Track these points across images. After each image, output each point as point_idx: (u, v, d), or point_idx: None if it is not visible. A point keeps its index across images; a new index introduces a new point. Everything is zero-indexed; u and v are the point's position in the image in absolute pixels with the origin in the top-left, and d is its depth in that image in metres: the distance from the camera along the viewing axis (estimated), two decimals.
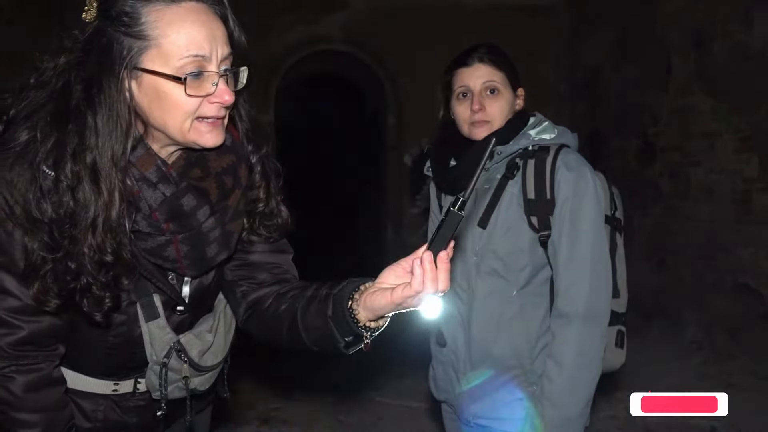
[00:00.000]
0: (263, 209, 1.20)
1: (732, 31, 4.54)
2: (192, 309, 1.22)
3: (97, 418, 1.20)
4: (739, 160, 4.51)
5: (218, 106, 1.02)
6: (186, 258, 1.08)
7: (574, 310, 1.47)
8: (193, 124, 1.01)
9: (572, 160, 1.54)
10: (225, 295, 1.32)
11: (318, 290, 1.15)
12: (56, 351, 1.13)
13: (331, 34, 7.26)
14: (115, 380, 1.21)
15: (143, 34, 0.96)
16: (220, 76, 1.00)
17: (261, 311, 1.24)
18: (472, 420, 1.63)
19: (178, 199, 1.04)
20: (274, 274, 1.27)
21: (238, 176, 1.12)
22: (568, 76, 7.24)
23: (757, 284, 4.36)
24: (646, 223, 5.64)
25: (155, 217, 1.04)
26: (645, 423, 3.54)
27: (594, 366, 1.48)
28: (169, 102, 0.99)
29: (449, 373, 1.67)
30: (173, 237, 1.06)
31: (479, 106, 1.58)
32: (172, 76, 0.97)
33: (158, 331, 1.16)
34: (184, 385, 1.21)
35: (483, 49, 1.63)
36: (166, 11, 0.97)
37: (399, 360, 4.04)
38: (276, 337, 1.22)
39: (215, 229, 1.09)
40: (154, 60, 0.97)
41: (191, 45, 0.97)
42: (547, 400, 1.47)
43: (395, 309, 0.99)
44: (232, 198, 1.11)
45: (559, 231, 1.50)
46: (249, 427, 3.47)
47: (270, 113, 7.28)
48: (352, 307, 1.03)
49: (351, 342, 1.07)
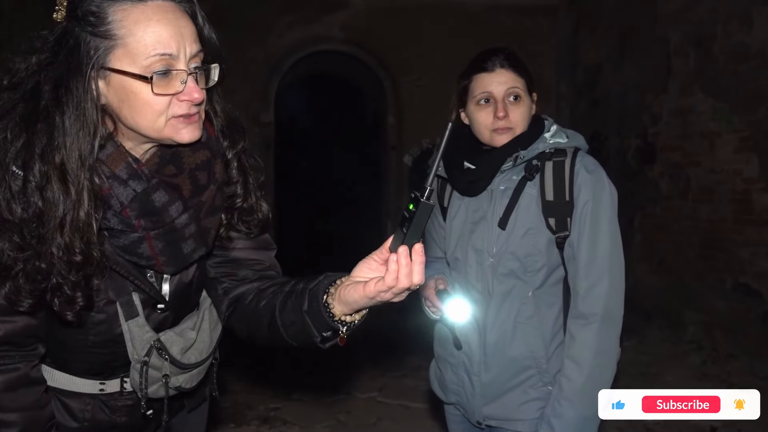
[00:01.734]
0: (241, 205, 1.20)
1: (732, 31, 4.54)
2: (173, 307, 1.21)
3: (84, 417, 1.20)
4: (739, 160, 4.51)
5: (188, 104, 1.01)
6: (162, 255, 1.08)
7: (593, 312, 1.49)
8: (168, 121, 1.01)
9: (590, 163, 1.57)
10: (208, 293, 1.31)
11: (296, 285, 1.16)
12: (35, 351, 1.12)
13: (331, 34, 7.26)
14: (101, 379, 1.20)
15: (110, 33, 0.96)
16: (188, 74, 1.00)
17: (242, 308, 1.24)
18: (484, 422, 1.64)
19: (149, 195, 1.04)
20: (256, 271, 1.27)
21: (213, 172, 1.11)
22: (568, 76, 7.25)
23: (757, 284, 4.36)
24: (646, 223, 5.64)
25: (126, 213, 1.03)
26: (645, 423, 3.54)
27: (611, 366, 1.51)
28: (138, 101, 0.99)
29: (461, 375, 1.67)
30: (146, 234, 1.05)
31: (504, 113, 1.57)
32: (139, 75, 0.97)
33: (138, 330, 1.15)
34: (163, 383, 1.20)
35: (503, 55, 1.61)
36: (133, 10, 0.97)
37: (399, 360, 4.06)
38: (257, 333, 1.22)
39: (190, 225, 1.08)
40: (121, 59, 0.97)
41: (158, 44, 0.97)
42: (565, 400, 1.49)
43: (369, 303, 0.99)
44: (207, 194, 1.10)
45: (579, 233, 1.52)
46: (249, 427, 3.47)
47: (270, 113, 7.28)
48: (327, 301, 1.04)
49: (328, 337, 1.08)
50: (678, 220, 5.21)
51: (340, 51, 7.41)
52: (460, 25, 6.95)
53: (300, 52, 7.27)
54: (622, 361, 1.63)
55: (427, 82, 7.05)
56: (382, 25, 7.22)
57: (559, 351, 1.56)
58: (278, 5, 7.07)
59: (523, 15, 7.31)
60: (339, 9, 7.22)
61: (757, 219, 4.33)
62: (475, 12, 7.17)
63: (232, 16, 6.89)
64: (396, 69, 7.32)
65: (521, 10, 7.30)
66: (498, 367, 1.59)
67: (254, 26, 7.03)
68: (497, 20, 7.19)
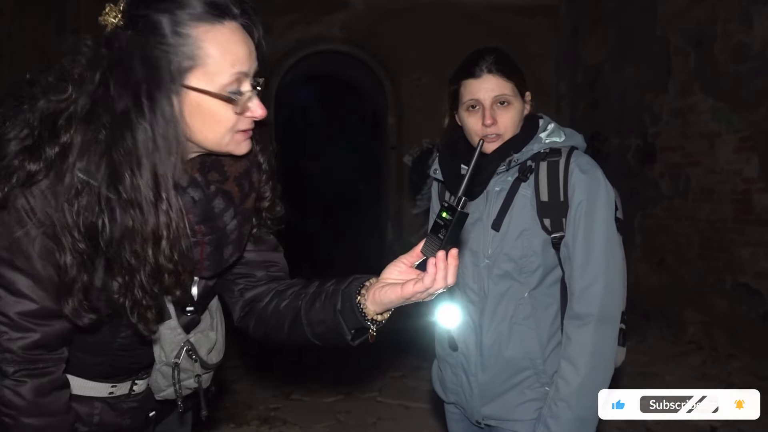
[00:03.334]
0: (269, 205, 1.24)
1: (732, 31, 4.54)
2: (200, 309, 1.24)
3: (92, 422, 1.20)
4: (739, 160, 4.51)
5: (251, 120, 1.06)
6: (207, 259, 1.11)
7: (589, 312, 1.48)
8: (233, 136, 1.05)
9: (585, 162, 1.55)
10: (222, 294, 1.33)
11: (321, 287, 1.21)
12: (63, 354, 1.12)
13: (331, 34, 7.27)
14: (113, 382, 1.21)
15: (191, 53, 0.97)
16: (254, 91, 1.04)
17: (259, 308, 1.27)
18: (483, 422, 1.64)
19: (210, 201, 1.08)
20: (270, 272, 1.31)
21: (252, 180, 1.16)
22: (568, 76, 7.25)
23: (757, 284, 4.37)
24: (646, 223, 5.64)
25: (189, 219, 1.05)
26: (645, 423, 3.54)
27: (608, 367, 1.50)
28: (213, 119, 1.02)
29: (459, 376, 1.67)
30: (201, 239, 1.08)
31: (491, 120, 1.56)
32: (222, 95, 0.99)
33: (169, 332, 1.16)
34: (196, 383, 1.24)
35: (490, 59, 1.57)
36: (213, 31, 0.98)
37: (399, 360, 4.06)
38: (275, 333, 1.26)
39: (235, 231, 1.13)
40: (200, 78, 0.98)
41: (236, 63, 1.00)
42: (562, 401, 1.48)
43: (404, 303, 1.06)
44: (249, 201, 1.15)
45: (574, 233, 1.51)
46: (249, 427, 3.47)
47: (270, 113, 7.28)
48: (360, 301, 1.10)
49: (356, 334, 1.14)
50: (678, 220, 5.21)
51: (340, 51, 7.42)
52: (459, 25, 6.94)
53: (300, 52, 7.27)
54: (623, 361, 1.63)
55: (427, 82, 7.04)
56: (382, 25, 7.22)
57: (557, 352, 1.56)
58: (278, 5, 7.07)
59: (523, 15, 7.31)
60: (339, 9, 7.23)
61: (757, 219, 4.34)
62: (475, 12, 7.17)
63: None
64: (396, 69, 7.32)
65: (521, 10, 7.30)
66: (494, 368, 1.59)
67: None
68: (497, 20, 7.19)
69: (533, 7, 7.33)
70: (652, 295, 5.47)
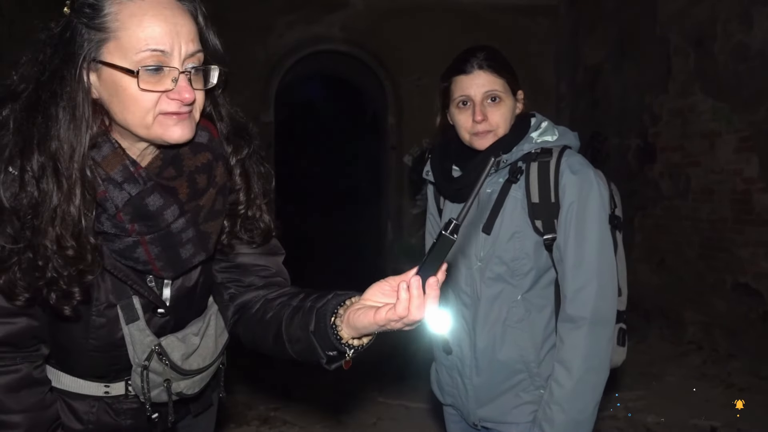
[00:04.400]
0: (244, 212, 1.18)
1: (732, 31, 4.54)
2: (175, 311, 1.19)
3: (89, 420, 1.19)
4: (739, 160, 4.51)
5: (178, 103, 0.99)
6: (158, 259, 1.06)
7: (581, 315, 1.46)
8: (156, 118, 0.99)
9: (576, 162, 1.52)
10: (214, 298, 1.29)
11: (304, 300, 1.12)
12: (37, 352, 1.12)
13: (332, 34, 7.26)
14: (105, 382, 1.19)
15: (104, 26, 0.96)
16: (181, 73, 0.98)
17: (248, 316, 1.22)
18: (479, 424, 1.63)
19: (143, 198, 1.02)
20: (263, 277, 1.25)
21: (213, 175, 1.09)
22: (568, 76, 7.24)
23: (757, 284, 4.36)
24: (646, 223, 5.64)
25: (120, 217, 1.01)
26: (645, 423, 3.54)
27: (602, 369, 1.48)
28: (126, 96, 0.97)
29: (455, 378, 1.66)
30: (141, 238, 1.03)
31: (482, 116, 1.54)
32: (127, 69, 0.95)
33: (138, 334, 1.14)
34: (165, 389, 1.19)
35: (481, 55, 1.56)
36: (129, 4, 0.96)
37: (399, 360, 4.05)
38: (262, 343, 1.19)
39: (187, 229, 1.06)
40: (113, 53, 0.96)
41: (150, 39, 0.95)
42: (556, 404, 1.47)
43: (378, 330, 0.95)
44: (206, 197, 1.08)
45: (565, 235, 1.49)
46: (249, 427, 3.47)
47: (270, 113, 7.28)
48: (335, 323, 1.00)
49: (334, 357, 1.04)
50: (678, 220, 5.21)
51: (340, 51, 7.41)
52: (460, 25, 6.94)
53: (300, 52, 7.27)
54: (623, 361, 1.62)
55: (427, 83, 7.03)
56: (382, 25, 7.22)
57: (551, 354, 1.54)
58: (278, 5, 7.07)
59: (523, 15, 7.31)
60: (339, 9, 7.22)
61: (757, 219, 4.33)
62: (475, 12, 7.17)
63: (233, 16, 6.89)
64: (396, 69, 7.32)
65: (521, 10, 7.30)
66: (489, 371, 1.58)
67: (254, 26, 7.03)
68: (497, 20, 7.19)
69: (533, 7, 7.32)
70: (652, 295, 5.47)
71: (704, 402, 3.81)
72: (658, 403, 3.78)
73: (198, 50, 1.01)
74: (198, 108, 1.04)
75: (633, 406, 3.74)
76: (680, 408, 3.70)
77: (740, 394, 3.88)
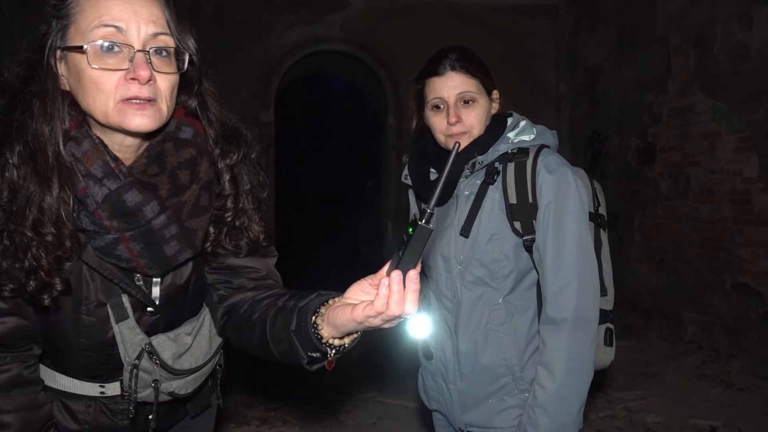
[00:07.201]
0: (231, 221, 1.15)
1: (732, 31, 4.54)
2: (165, 310, 1.17)
3: (86, 420, 1.19)
4: (739, 160, 4.51)
5: (137, 85, 0.96)
6: (142, 257, 1.04)
7: (562, 317, 1.43)
8: (117, 105, 0.96)
9: (552, 162, 1.49)
10: (205, 299, 1.28)
11: (288, 301, 1.10)
12: (29, 351, 1.11)
13: (332, 34, 7.26)
14: (100, 382, 1.19)
15: (66, 12, 0.98)
16: (137, 51, 0.95)
17: (236, 317, 1.20)
18: (466, 429, 1.61)
19: (121, 194, 1.00)
20: (252, 279, 1.23)
21: (197, 171, 1.06)
22: (568, 76, 7.24)
23: (757, 284, 4.37)
24: (645, 223, 5.64)
25: (98, 214, 1.00)
26: (645, 423, 3.54)
27: (585, 371, 1.46)
28: (86, 80, 0.96)
29: (439, 383, 1.65)
30: (121, 235, 1.02)
31: (456, 118, 1.52)
32: (78, 46, 0.94)
33: (128, 332, 1.13)
34: (154, 388, 1.18)
35: (453, 56, 1.54)
36: None
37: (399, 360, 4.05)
38: (248, 345, 1.17)
39: (170, 226, 1.04)
40: (73, 37, 0.97)
41: (105, 16, 0.95)
42: (540, 408, 1.44)
43: (358, 327, 0.91)
44: (188, 194, 1.05)
45: (544, 236, 1.46)
46: (249, 427, 3.47)
47: (270, 113, 7.29)
48: (316, 322, 0.97)
49: (316, 358, 1.01)
50: (678, 220, 5.21)
51: (340, 51, 7.41)
52: (460, 25, 6.94)
53: (300, 52, 7.27)
54: (623, 361, 1.61)
55: None
56: (382, 25, 7.22)
57: (535, 357, 1.51)
58: (278, 5, 7.07)
59: (523, 15, 7.31)
60: (339, 9, 7.22)
61: (757, 219, 4.34)
62: (475, 12, 7.17)
63: (233, 17, 6.90)
64: (396, 69, 7.32)
65: (521, 10, 7.30)
66: (472, 376, 1.56)
67: (254, 26, 7.03)
68: (497, 20, 7.20)
69: (533, 7, 7.33)
70: (652, 295, 5.47)
71: (704, 402, 3.81)
72: (657, 403, 3.78)
73: (162, 32, 0.99)
74: (164, 98, 1.00)
75: (633, 406, 3.74)
76: (680, 408, 3.70)
77: (740, 394, 3.89)
